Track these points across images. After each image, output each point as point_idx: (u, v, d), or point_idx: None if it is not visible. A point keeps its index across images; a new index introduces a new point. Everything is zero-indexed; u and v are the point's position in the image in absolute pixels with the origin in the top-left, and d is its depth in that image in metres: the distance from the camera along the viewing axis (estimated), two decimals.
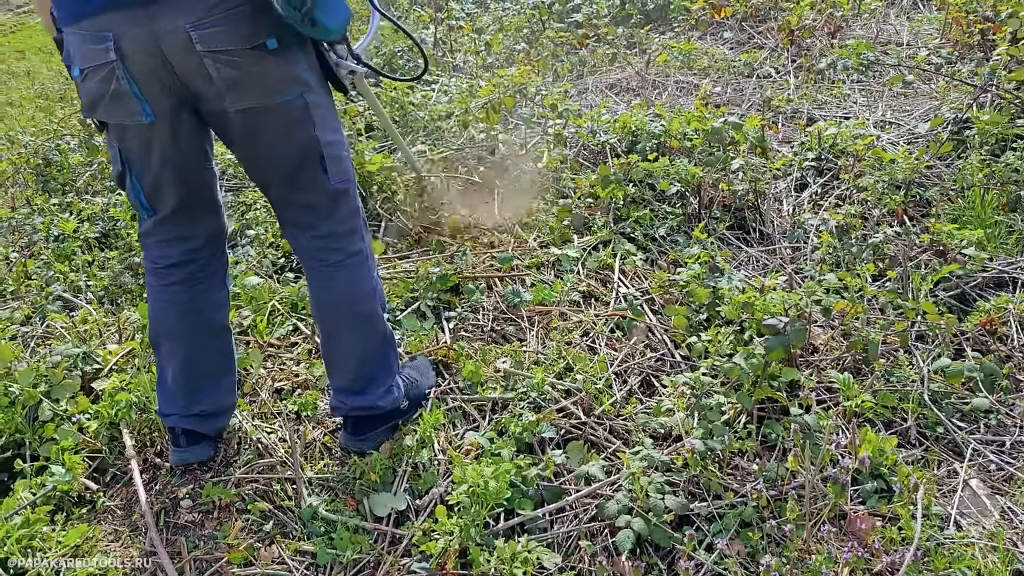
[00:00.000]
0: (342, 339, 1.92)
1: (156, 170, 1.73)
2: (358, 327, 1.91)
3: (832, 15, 4.79)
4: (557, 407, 2.11)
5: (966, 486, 1.88)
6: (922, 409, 2.06)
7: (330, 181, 1.77)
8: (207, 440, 1.99)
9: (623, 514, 1.80)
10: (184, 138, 1.70)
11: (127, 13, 1.51)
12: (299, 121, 1.68)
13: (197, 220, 1.87)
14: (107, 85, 1.59)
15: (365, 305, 1.90)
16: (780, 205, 3.05)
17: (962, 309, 2.42)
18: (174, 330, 1.92)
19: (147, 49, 1.53)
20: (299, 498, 1.88)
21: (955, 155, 3.11)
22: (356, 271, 1.87)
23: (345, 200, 1.83)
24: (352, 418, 1.99)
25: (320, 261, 1.85)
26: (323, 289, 1.89)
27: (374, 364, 1.95)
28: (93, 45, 1.56)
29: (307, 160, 1.73)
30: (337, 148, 1.77)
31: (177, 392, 1.95)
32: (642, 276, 2.67)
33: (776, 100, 3.87)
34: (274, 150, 1.72)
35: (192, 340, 1.92)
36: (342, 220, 1.84)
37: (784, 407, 2.07)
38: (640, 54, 4.85)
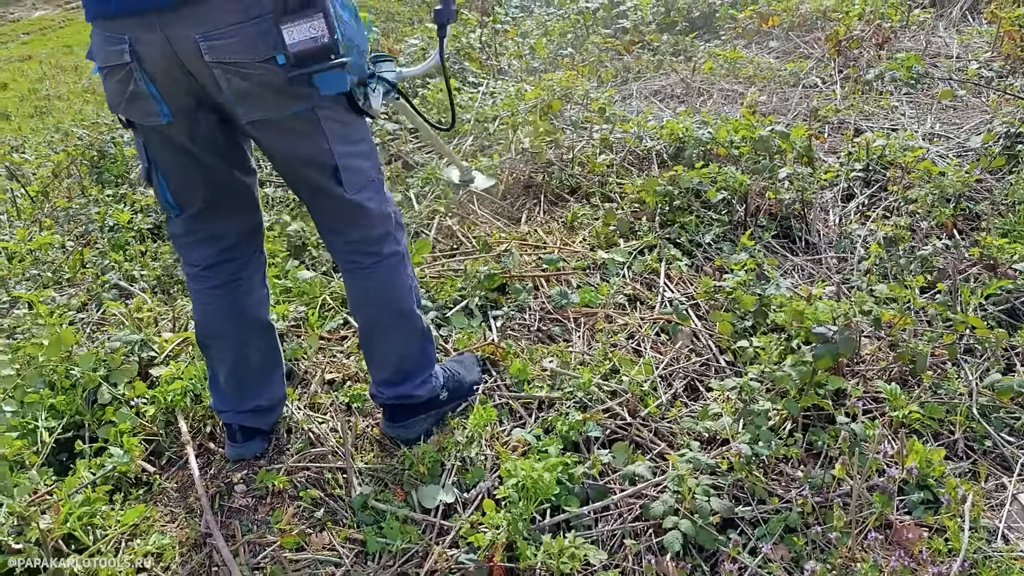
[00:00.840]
0: (380, 337, 1.96)
1: (180, 169, 1.76)
2: (396, 325, 1.94)
3: (880, 26, 4.76)
4: (603, 407, 2.13)
5: (1015, 500, 1.87)
6: (970, 423, 2.05)
7: (346, 192, 1.76)
8: (261, 435, 2.06)
9: (669, 515, 1.82)
10: (206, 138, 1.71)
11: (141, 19, 1.51)
12: (310, 134, 1.68)
13: (227, 219, 1.88)
14: (125, 86, 1.59)
15: (403, 304, 1.93)
16: (826, 215, 3.04)
17: (1012, 324, 2.40)
18: (220, 332, 1.95)
19: (163, 54, 1.54)
20: (350, 487, 1.92)
21: (1007, 169, 3.08)
22: (391, 271, 1.89)
23: (369, 208, 1.82)
24: (390, 406, 2.04)
25: (355, 264, 1.88)
26: (359, 290, 1.92)
27: (412, 359, 2.00)
28: (111, 47, 1.56)
29: (322, 171, 1.73)
30: (354, 159, 1.76)
31: (230, 392, 2.00)
32: (688, 282, 2.69)
33: (823, 110, 3.85)
34: (290, 161, 1.74)
35: (239, 340, 1.96)
36: (372, 226, 1.84)
37: (830, 415, 2.08)
38: (685, 61, 4.85)
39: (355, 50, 1.54)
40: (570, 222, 3.06)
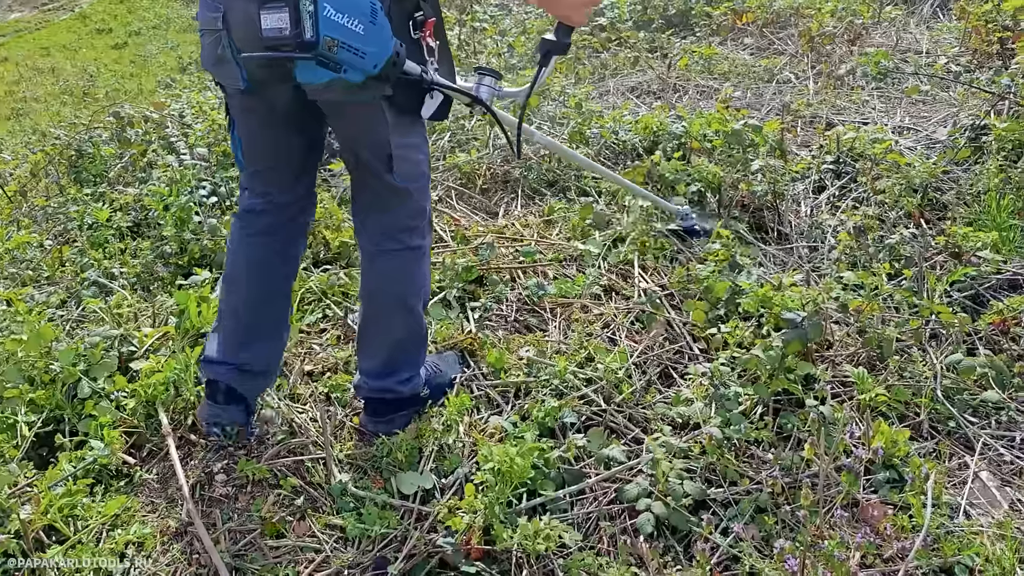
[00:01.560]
0: (381, 324, 2.02)
1: (253, 134, 1.92)
2: (399, 316, 2.01)
3: (852, 23, 4.83)
4: (578, 394, 2.17)
5: (976, 478, 1.93)
6: (935, 404, 2.11)
7: (395, 179, 1.88)
8: (243, 404, 2.04)
9: (643, 497, 1.86)
10: (279, 110, 1.85)
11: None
12: (373, 121, 1.80)
13: (286, 183, 2.01)
14: (215, 49, 1.76)
15: (411, 299, 2.01)
16: (798, 206, 3.10)
17: (976, 310, 2.46)
18: (242, 275, 2.03)
19: (247, 26, 1.65)
20: (329, 475, 1.95)
21: (972, 160, 3.15)
22: (410, 263, 1.99)
23: (410, 199, 1.94)
24: (373, 400, 2.08)
25: (378, 246, 1.97)
26: (375, 274, 2.00)
27: (404, 356, 2.06)
28: (209, 12, 1.73)
29: (377, 156, 1.85)
30: (407, 152, 1.88)
31: (229, 337, 2.02)
32: (662, 272, 2.73)
33: (795, 105, 3.92)
34: (350, 140, 1.89)
35: (256, 289, 2.03)
36: (408, 216, 1.95)
37: (800, 399, 2.13)
38: (661, 58, 4.90)
39: (347, 50, 1.57)
40: (547, 215, 3.10)
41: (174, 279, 2.89)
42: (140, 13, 11.75)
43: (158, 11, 11.72)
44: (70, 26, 11.63)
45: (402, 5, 1.73)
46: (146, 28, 11.02)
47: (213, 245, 2.98)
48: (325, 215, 2.99)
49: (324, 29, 1.54)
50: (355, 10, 1.57)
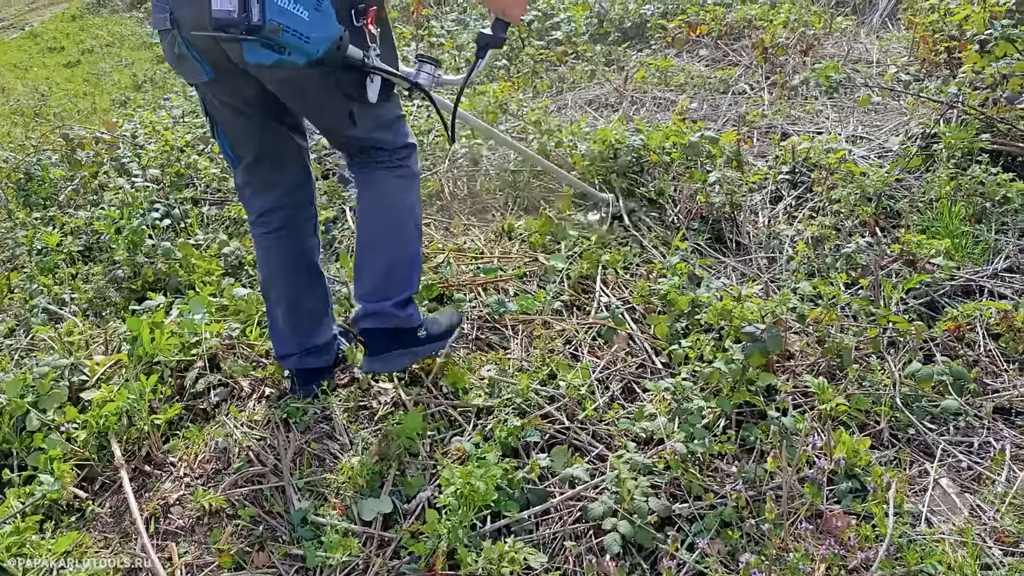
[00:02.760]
0: (377, 244, 2.10)
1: (234, 122, 2.02)
2: (395, 234, 2.09)
3: (804, 33, 4.91)
4: (541, 413, 2.15)
5: (936, 485, 1.94)
6: (894, 412, 2.12)
7: (360, 132, 2.00)
8: (320, 373, 2.24)
9: (608, 516, 1.85)
10: (248, 92, 1.93)
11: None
12: (321, 87, 1.88)
13: (279, 169, 2.12)
14: (172, 48, 1.85)
15: (404, 215, 2.10)
16: (756, 217, 3.12)
17: (931, 316, 2.50)
18: (277, 274, 2.17)
19: (196, 22, 1.74)
20: (288, 503, 1.91)
21: (924, 168, 3.21)
22: (402, 185, 2.09)
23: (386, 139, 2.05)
24: (370, 332, 2.11)
25: (371, 170, 2.07)
26: (371, 193, 2.09)
27: (400, 274, 2.10)
28: (159, 13, 1.83)
29: (338, 115, 1.96)
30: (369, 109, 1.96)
31: (289, 333, 2.19)
32: (623, 286, 2.73)
33: (751, 116, 3.96)
34: (308, 109, 1.99)
35: (293, 281, 2.18)
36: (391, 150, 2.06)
37: (762, 411, 2.13)
38: (618, 71, 4.93)
39: (292, 34, 1.67)
40: (507, 231, 3.09)
41: (127, 304, 2.82)
42: (93, 31, 11.57)
43: (111, 29, 11.54)
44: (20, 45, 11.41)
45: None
46: (99, 46, 10.84)
47: (167, 268, 2.92)
48: None
49: (271, 14, 1.64)
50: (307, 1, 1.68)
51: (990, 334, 2.36)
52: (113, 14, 11.80)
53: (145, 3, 10.99)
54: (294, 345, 2.20)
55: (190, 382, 2.30)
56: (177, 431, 2.20)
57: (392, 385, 2.26)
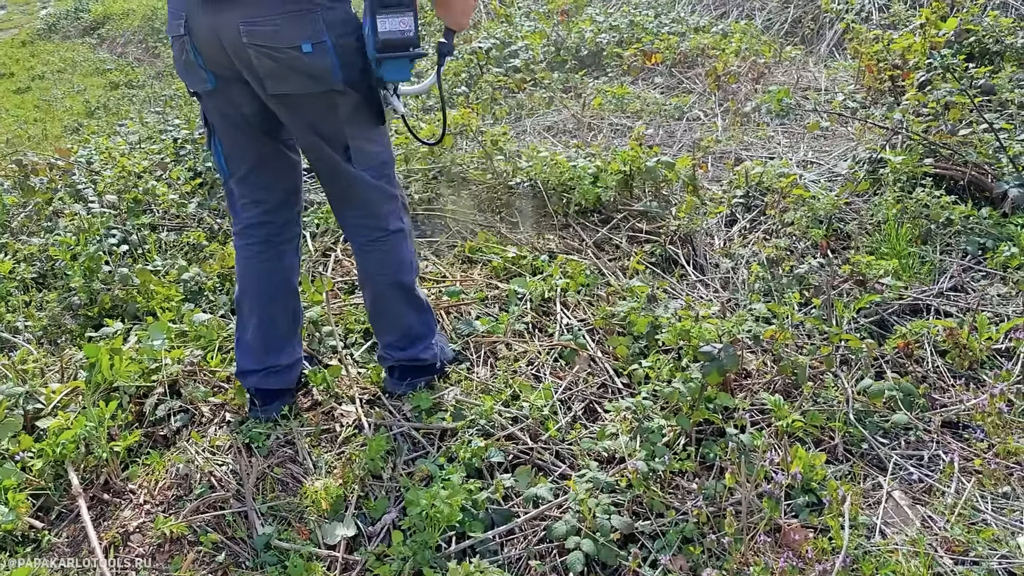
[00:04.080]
0: (387, 306, 2.25)
1: (231, 134, 2.09)
2: (399, 295, 2.23)
3: (755, 62, 5.05)
4: (505, 433, 2.17)
5: (889, 497, 2.00)
6: (848, 427, 2.18)
7: (353, 167, 2.06)
8: (282, 395, 2.27)
9: (571, 535, 1.87)
10: (246, 106, 2.02)
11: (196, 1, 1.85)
12: (325, 112, 1.98)
13: (270, 185, 2.18)
14: (181, 54, 1.95)
15: (404, 277, 2.22)
16: (712, 239, 3.19)
17: (882, 334, 2.57)
18: (253, 287, 2.22)
19: (209, 32, 1.86)
20: (251, 528, 1.90)
21: (871, 192, 3.31)
22: (396, 247, 2.19)
23: (374, 187, 2.11)
24: (399, 367, 2.31)
25: (363, 236, 2.17)
26: (368, 263, 2.20)
27: (415, 325, 2.28)
28: (174, 20, 1.92)
29: (335, 148, 2.03)
30: (365, 145, 2.06)
31: (255, 347, 2.22)
32: (584, 308, 2.77)
33: (705, 141, 4.05)
34: (306, 133, 2.03)
35: (268, 296, 2.22)
36: (378, 202, 2.13)
37: (721, 428, 2.18)
38: (576, 98, 5.02)
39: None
40: (469, 254, 3.12)
41: (83, 331, 2.78)
42: (44, 57, 11.40)
43: (63, 55, 11.39)
44: None
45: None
46: (51, 72, 10.68)
47: (125, 295, 2.88)
48: None
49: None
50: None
51: (937, 351, 2.45)
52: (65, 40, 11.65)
53: (98, 30, 10.89)
54: (258, 362, 2.23)
55: (150, 408, 2.28)
56: (137, 458, 2.17)
57: (355, 408, 2.26)
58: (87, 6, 11.07)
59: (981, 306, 2.61)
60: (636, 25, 5.92)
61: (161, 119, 5.14)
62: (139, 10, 10.06)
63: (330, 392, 2.33)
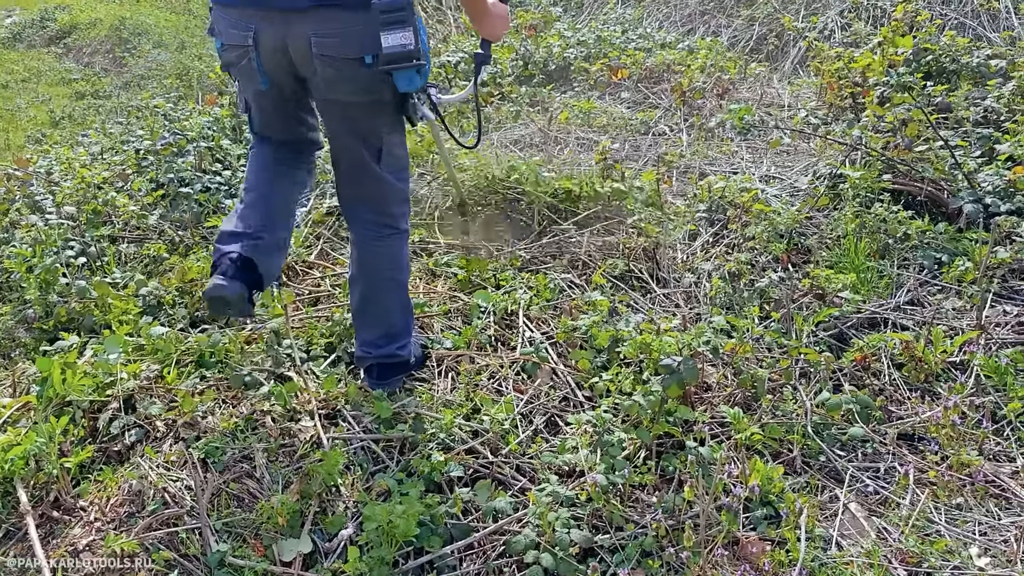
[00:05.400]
0: (378, 300, 2.36)
1: (266, 115, 2.32)
2: (392, 291, 2.36)
3: (720, 78, 5.10)
4: (465, 447, 2.16)
5: (846, 509, 2.02)
6: (806, 440, 2.20)
7: (381, 168, 2.24)
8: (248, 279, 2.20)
9: (531, 549, 1.86)
10: (288, 101, 2.27)
11: (266, 12, 2.02)
12: (370, 117, 2.17)
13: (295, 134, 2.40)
14: (240, 60, 2.12)
15: (401, 274, 2.37)
16: (674, 253, 3.22)
17: (840, 347, 2.60)
18: (259, 181, 2.36)
19: (276, 44, 2.04)
20: (206, 545, 1.86)
21: (831, 207, 3.36)
22: (399, 243, 2.35)
23: (395, 188, 2.30)
24: (377, 366, 2.39)
25: (374, 232, 2.31)
26: (370, 256, 2.33)
27: (399, 323, 2.39)
28: (237, 30, 2.07)
29: (369, 149, 2.21)
30: (395, 148, 2.26)
31: (247, 215, 2.29)
32: (546, 321, 2.77)
33: (670, 156, 4.08)
34: (346, 134, 2.21)
35: (270, 185, 2.35)
36: (395, 204, 2.31)
37: (681, 441, 2.18)
38: (543, 112, 5.03)
39: (428, 60, 2.00)
40: (432, 268, 3.11)
41: (38, 345, 2.73)
42: (8, 66, 11.22)
43: (28, 64, 11.22)
44: None
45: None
46: (14, 81, 10.51)
47: (81, 308, 2.83)
48: (202, 273, 2.90)
49: (423, 46, 2.00)
50: (422, 27, 2.01)
51: (894, 364, 2.48)
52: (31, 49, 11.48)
53: (64, 39, 10.74)
54: (246, 226, 2.27)
55: (104, 424, 2.24)
56: (89, 474, 2.13)
57: (313, 423, 2.24)
58: (53, 15, 10.91)
59: (936, 320, 2.65)
60: (603, 40, 5.96)
61: (125, 130, 5.07)
62: (106, 20, 9.94)
63: (288, 407, 2.30)
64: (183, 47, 8.51)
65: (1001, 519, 1.97)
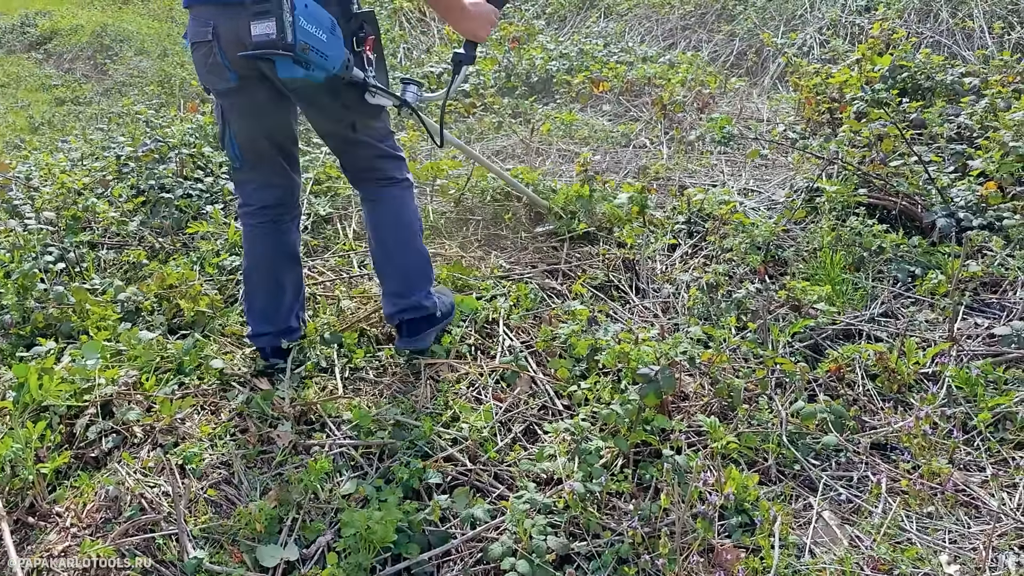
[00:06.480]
0: (396, 252, 2.50)
1: (246, 128, 2.34)
2: (408, 242, 2.50)
3: (701, 92, 5.16)
4: (444, 455, 2.17)
5: (819, 517, 2.04)
6: (781, 449, 2.23)
7: (359, 135, 2.38)
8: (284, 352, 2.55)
9: (507, 556, 1.87)
10: (264, 102, 2.29)
11: (223, 9, 2.13)
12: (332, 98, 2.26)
13: (278, 172, 2.45)
14: (207, 57, 2.19)
15: (413, 225, 2.51)
16: (654, 264, 3.25)
17: (815, 358, 2.64)
18: (263, 260, 2.50)
19: (233, 35, 2.11)
20: (183, 552, 1.86)
21: (808, 220, 3.40)
22: (406, 195, 2.50)
23: (382, 148, 2.44)
24: (406, 322, 2.52)
25: (374, 186, 2.48)
26: (382, 212, 2.49)
27: (419, 273, 2.53)
28: (200, 27, 2.17)
29: (344, 124, 2.35)
30: (367, 120, 2.37)
31: (268, 313, 2.51)
32: (526, 330, 2.79)
33: (651, 168, 4.12)
34: (319, 116, 2.36)
35: (277, 269, 2.51)
36: (384, 159, 2.45)
37: (658, 450, 2.20)
38: (525, 123, 5.07)
39: (315, 53, 2.03)
40: None
41: (14, 351, 2.71)
42: None
43: (8, 70, 11.14)
44: None
45: (348, 25, 2.19)
46: None
47: (60, 314, 2.82)
48: (181, 280, 2.90)
49: (300, 35, 1.99)
50: (320, 23, 2.04)
51: (868, 374, 2.51)
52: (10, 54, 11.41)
53: (44, 45, 10.69)
54: (272, 325, 2.51)
55: (81, 429, 2.23)
56: (65, 480, 2.12)
57: (291, 428, 2.24)
58: (34, 20, 10.85)
59: (909, 332, 2.69)
60: (586, 54, 6.01)
61: (106, 136, 5.06)
62: (88, 26, 9.90)
63: (265, 414, 2.30)
64: (165, 54, 8.49)
65: (971, 527, 2.00)
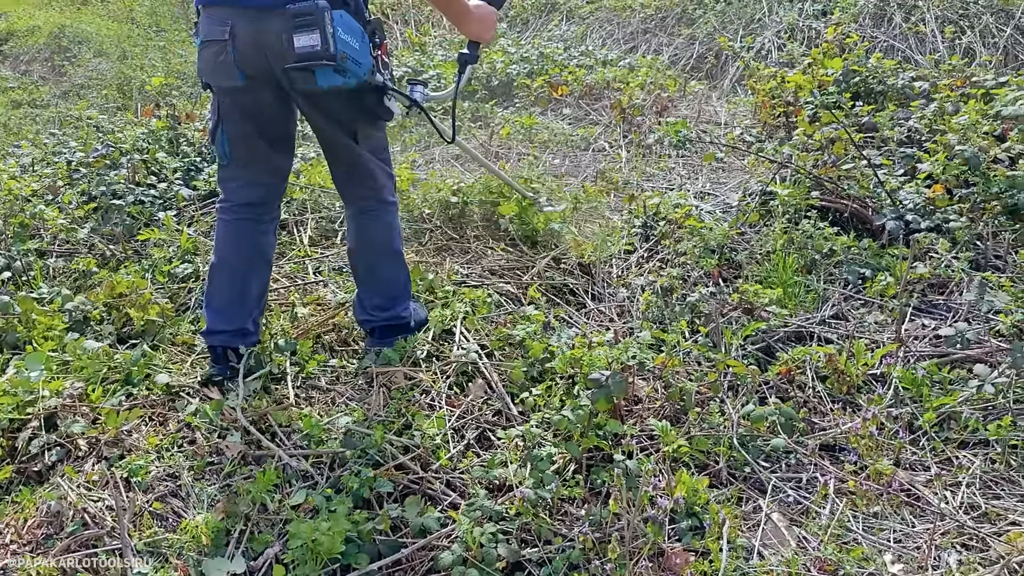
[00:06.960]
0: (378, 269, 2.60)
1: (240, 128, 2.38)
2: (390, 260, 2.60)
3: (660, 95, 5.20)
4: (395, 463, 2.16)
5: (768, 519, 2.06)
6: (732, 451, 2.25)
7: (360, 147, 2.44)
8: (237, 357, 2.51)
9: (457, 565, 1.86)
10: (267, 104, 2.34)
11: (242, 11, 2.17)
12: (343, 104, 2.34)
13: (267, 171, 2.48)
14: (217, 56, 2.23)
15: (395, 244, 2.61)
16: (610, 268, 3.26)
17: (767, 360, 2.66)
18: (235, 258, 2.49)
19: (251, 39, 2.18)
20: (127, 567, 1.83)
21: (762, 223, 3.44)
22: (390, 216, 2.58)
23: (379, 165, 2.51)
24: (380, 327, 2.63)
25: (363, 207, 2.55)
26: (366, 230, 2.56)
27: (398, 288, 2.63)
28: (216, 26, 2.21)
29: (346, 132, 2.41)
30: (369, 130, 2.46)
31: (228, 311, 2.48)
32: (482, 334, 2.78)
33: (609, 172, 4.15)
34: (324, 122, 2.40)
35: (247, 268, 2.50)
36: (378, 178, 2.52)
37: (610, 455, 2.21)
38: (485, 127, 5.07)
39: (351, 61, 2.12)
40: None
41: None
42: None
43: None
44: None
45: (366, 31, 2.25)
46: None
47: (4, 324, 2.76)
48: (131, 288, 2.85)
49: (339, 45, 2.09)
50: (352, 32, 2.14)
51: (818, 376, 2.54)
52: None
53: (0, 46, 10.48)
54: (228, 323, 2.48)
55: (23, 443, 2.18)
56: (6, 495, 2.07)
57: (240, 438, 2.22)
58: None
59: (858, 333, 2.73)
60: (546, 57, 6.03)
61: (58, 141, 4.97)
62: (45, 27, 9.70)
63: (215, 424, 2.27)
64: (124, 56, 8.35)
65: (915, 526, 2.03)
